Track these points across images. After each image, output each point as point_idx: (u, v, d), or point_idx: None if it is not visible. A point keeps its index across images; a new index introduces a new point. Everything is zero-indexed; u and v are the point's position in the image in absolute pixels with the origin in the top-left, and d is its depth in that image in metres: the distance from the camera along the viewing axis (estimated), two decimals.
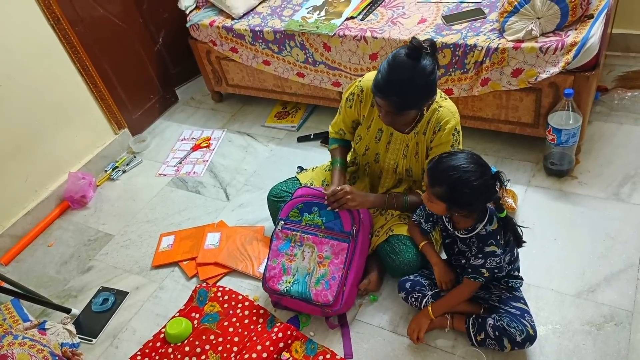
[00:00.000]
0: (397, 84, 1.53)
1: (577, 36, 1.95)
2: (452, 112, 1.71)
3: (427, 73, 1.52)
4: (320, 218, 1.84)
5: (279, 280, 1.83)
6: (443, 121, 1.69)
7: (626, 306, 1.70)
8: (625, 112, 2.41)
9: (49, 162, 2.64)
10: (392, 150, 1.85)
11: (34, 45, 2.46)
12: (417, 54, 1.50)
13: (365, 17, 2.46)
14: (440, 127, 1.70)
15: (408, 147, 1.81)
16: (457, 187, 1.43)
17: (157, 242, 2.35)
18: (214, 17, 2.78)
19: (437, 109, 1.71)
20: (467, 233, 1.57)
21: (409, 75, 1.51)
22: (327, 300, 1.75)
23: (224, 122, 3.08)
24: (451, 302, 1.68)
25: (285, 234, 1.88)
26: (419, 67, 1.51)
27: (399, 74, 1.52)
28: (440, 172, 1.46)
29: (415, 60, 1.50)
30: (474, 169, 1.42)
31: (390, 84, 1.54)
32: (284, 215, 1.89)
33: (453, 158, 1.46)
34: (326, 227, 1.84)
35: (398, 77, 1.52)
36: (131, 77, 3.01)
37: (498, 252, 1.52)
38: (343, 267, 1.77)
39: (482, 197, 1.46)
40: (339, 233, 1.81)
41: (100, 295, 2.16)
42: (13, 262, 2.46)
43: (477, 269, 1.56)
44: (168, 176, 2.76)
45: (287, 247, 1.87)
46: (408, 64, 1.51)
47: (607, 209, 2.02)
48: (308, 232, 1.85)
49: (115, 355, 1.94)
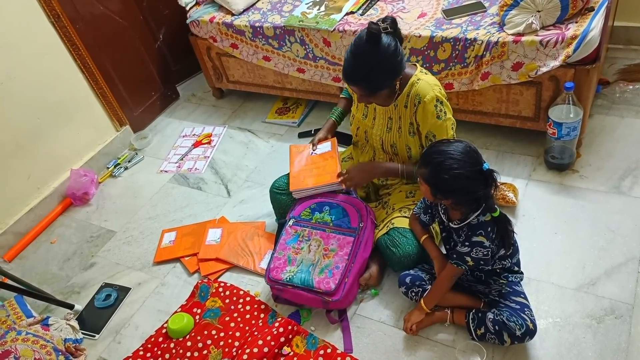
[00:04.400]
0: (363, 70, 1.62)
1: (577, 29, 1.94)
2: (430, 85, 1.73)
3: (389, 54, 1.59)
4: (330, 216, 1.91)
5: (283, 270, 1.86)
6: (421, 94, 1.72)
7: (626, 299, 1.70)
8: (627, 105, 2.40)
9: (51, 159, 2.65)
10: (377, 125, 1.89)
11: (34, 43, 2.46)
12: (376, 38, 1.57)
13: (365, 12, 2.45)
14: (420, 100, 1.73)
15: (391, 119, 1.84)
16: (437, 171, 1.46)
17: (159, 238, 2.37)
18: (214, 13, 2.78)
19: (416, 82, 1.74)
20: (460, 223, 1.57)
21: (372, 61, 1.60)
22: (329, 287, 1.77)
23: (224, 118, 3.08)
24: (437, 290, 1.68)
25: (295, 229, 1.94)
26: (381, 51, 1.58)
27: (362, 60, 1.60)
28: (428, 154, 1.51)
29: (376, 44, 1.57)
30: (460, 158, 1.43)
31: (355, 71, 1.63)
32: (297, 214, 1.95)
33: (446, 144, 1.50)
34: (335, 224, 1.89)
35: (362, 64, 1.61)
36: (132, 74, 3.01)
37: (486, 243, 1.51)
38: (347, 258, 1.81)
39: (465, 188, 1.45)
40: (346, 229, 1.87)
41: (102, 291, 2.18)
42: (16, 259, 2.48)
43: (462, 256, 1.56)
44: (169, 173, 2.77)
45: (295, 241, 1.92)
46: (370, 49, 1.58)
47: (608, 203, 2.01)
48: (316, 228, 1.91)
49: (118, 351, 1.95)
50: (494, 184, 1.45)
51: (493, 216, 1.51)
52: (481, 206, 1.51)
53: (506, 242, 1.55)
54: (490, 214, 1.52)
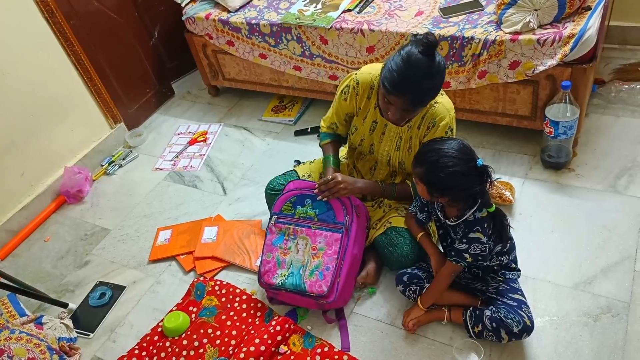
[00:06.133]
0: (416, 81, 1.49)
1: (574, 28, 1.94)
2: (447, 109, 1.70)
3: (442, 69, 1.51)
4: (314, 210, 1.84)
5: (274, 274, 1.82)
6: (438, 117, 1.69)
7: (623, 297, 1.71)
8: (622, 105, 2.41)
9: (45, 156, 2.62)
10: (386, 141, 1.85)
11: (28, 39, 2.44)
12: (432, 50, 1.46)
13: (362, 10, 2.44)
14: (435, 124, 1.69)
15: (401, 139, 1.80)
16: (433, 169, 1.47)
17: (154, 236, 2.35)
18: (210, 10, 2.76)
19: (433, 104, 1.70)
20: (457, 220, 1.57)
21: (427, 73, 1.49)
22: (322, 291, 1.74)
23: (220, 116, 3.07)
24: (436, 288, 1.68)
25: (279, 227, 1.88)
26: (435, 64, 1.49)
27: (417, 71, 1.48)
28: (423, 153, 1.51)
29: (431, 56, 1.47)
30: (455, 155, 1.44)
31: (408, 81, 1.50)
32: (277, 209, 1.89)
33: (440, 142, 1.51)
34: (319, 219, 1.83)
35: (416, 75, 1.48)
36: (127, 71, 2.99)
37: (483, 239, 1.51)
38: (337, 257, 1.77)
39: (461, 185, 1.46)
40: (332, 224, 1.81)
41: (97, 289, 2.16)
42: (9, 257, 2.45)
43: (460, 253, 1.56)
44: (165, 170, 2.75)
45: (281, 241, 1.86)
46: (425, 61, 1.47)
47: (604, 201, 2.02)
48: (301, 225, 1.85)
49: (112, 350, 1.94)
50: (489, 179, 1.46)
51: (489, 211, 1.52)
52: (477, 202, 1.51)
53: (503, 236, 1.56)
54: (487, 210, 1.52)
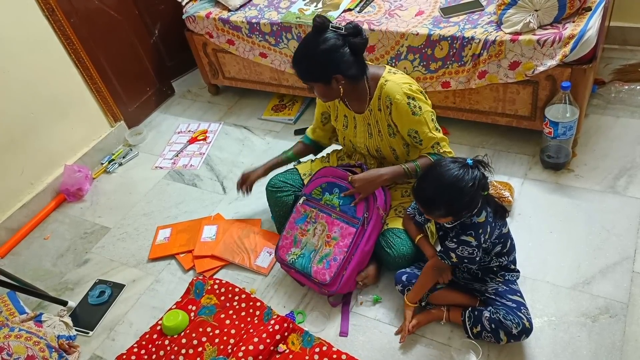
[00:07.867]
0: (298, 56, 1.70)
1: (574, 29, 1.94)
2: (398, 84, 1.72)
3: (326, 47, 1.62)
4: (338, 200, 1.89)
5: (288, 251, 1.91)
6: (391, 94, 1.72)
7: (621, 298, 1.71)
8: (622, 105, 2.41)
9: (45, 154, 2.62)
10: (359, 133, 1.90)
11: (28, 37, 2.44)
12: (318, 29, 1.63)
13: (363, 9, 2.44)
14: (391, 101, 1.73)
15: (370, 125, 1.84)
16: (453, 201, 1.45)
17: (154, 235, 2.35)
18: (210, 9, 2.76)
19: (384, 83, 1.74)
20: (454, 222, 1.57)
21: (307, 49, 1.68)
22: (324, 279, 1.79)
23: (220, 115, 3.07)
24: (420, 282, 1.69)
25: (305, 208, 1.95)
26: (318, 42, 1.63)
27: (301, 47, 1.70)
28: (434, 196, 1.48)
29: (316, 34, 1.64)
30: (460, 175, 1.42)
31: (294, 56, 1.71)
32: (308, 191, 1.95)
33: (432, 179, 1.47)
34: (341, 209, 1.88)
35: (299, 50, 1.70)
36: (127, 70, 2.99)
37: (473, 243, 1.51)
38: (347, 250, 1.80)
39: (479, 189, 1.46)
40: (350, 217, 1.85)
41: (96, 288, 2.16)
42: (9, 255, 2.45)
43: (447, 251, 1.57)
44: (164, 169, 2.75)
45: (303, 222, 1.93)
46: (309, 38, 1.67)
47: (603, 202, 2.02)
48: (324, 211, 1.91)
49: (112, 348, 1.94)
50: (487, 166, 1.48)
51: (483, 195, 1.50)
52: (477, 206, 1.51)
53: (499, 213, 1.56)
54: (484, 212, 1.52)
